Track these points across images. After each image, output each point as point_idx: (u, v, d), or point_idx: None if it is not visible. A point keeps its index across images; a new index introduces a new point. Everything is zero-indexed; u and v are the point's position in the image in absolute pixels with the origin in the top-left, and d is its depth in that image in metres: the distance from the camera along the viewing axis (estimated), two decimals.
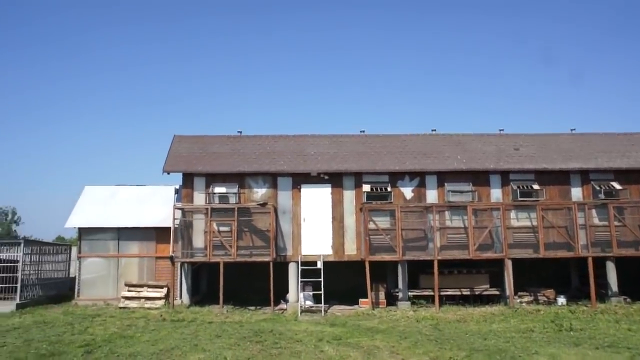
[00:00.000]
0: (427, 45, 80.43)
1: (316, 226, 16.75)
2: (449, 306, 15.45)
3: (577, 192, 17.14)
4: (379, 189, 16.64)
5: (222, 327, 12.15)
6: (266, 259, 15.76)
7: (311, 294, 15.97)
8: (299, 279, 15.79)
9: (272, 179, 17.00)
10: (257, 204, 16.33)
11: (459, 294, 16.46)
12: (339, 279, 16.88)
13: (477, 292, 16.54)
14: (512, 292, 15.53)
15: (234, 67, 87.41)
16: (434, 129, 19.15)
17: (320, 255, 16.20)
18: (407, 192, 16.98)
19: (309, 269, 15.90)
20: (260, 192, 16.91)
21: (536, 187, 16.83)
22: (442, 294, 15.81)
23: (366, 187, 16.71)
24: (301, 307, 15.38)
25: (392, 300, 16.31)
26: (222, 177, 16.94)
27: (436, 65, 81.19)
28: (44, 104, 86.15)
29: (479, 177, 17.05)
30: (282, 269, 16.30)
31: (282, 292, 16.29)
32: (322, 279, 15.48)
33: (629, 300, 15.83)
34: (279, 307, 15.85)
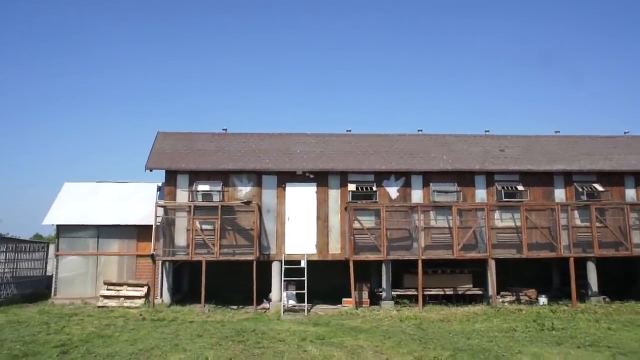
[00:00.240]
0: (416, 46, 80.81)
1: (300, 225, 16.61)
2: (432, 306, 15.44)
3: (560, 194, 17.31)
4: (364, 189, 16.57)
5: (204, 327, 11.94)
6: (249, 258, 15.57)
7: (294, 293, 15.84)
8: (282, 278, 15.64)
9: (256, 177, 16.82)
10: (241, 202, 16.13)
11: (442, 293, 16.48)
12: (322, 279, 16.77)
13: (460, 292, 16.58)
14: (495, 292, 15.60)
15: (221, 66, 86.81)
16: (420, 129, 19.17)
17: (304, 254, 16.07)
18: (393, 191, 16.95)
19: (292, 268, 15.75)
20: (244, 191, 16.71)
21: (520, 188, 16.94)
22: (425, 293, 15.81)
23: (352, 187, 16.63)
24: (284, 306, 15.23)
25: (375, 299, 16.26)
26: (206, 174, 16.70)
27: (425, 66, 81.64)
28: (26, 101, 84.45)
29: (464, 178, 17.10)
30: (265, 267, 16.13)
31: (265, 292, 16.12)
32: (305, 278, 15.35)
33: (608, 300, 16.04)
34: (261, 307, 15.68)
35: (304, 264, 15.68)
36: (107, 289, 16.07)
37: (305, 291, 15.12)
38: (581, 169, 17.25)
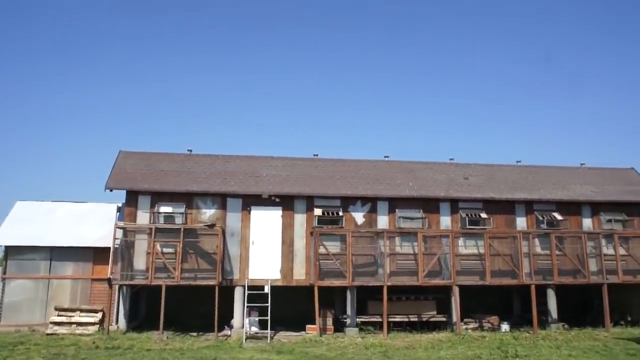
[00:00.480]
0: (382, 67, 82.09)
1: (265, 249, 16.29)
2: (396, 332, 15.32)
3: (521, 222, 17.72)
4: (330, 213, 16.48)
5: (161, 355, 11.39)
6: (211, 283, 15.09)
7: (257, 319, 15.40)
8: (245, 304, 15.20)
9: (221, 200, 16.47)
10: (204, 225, 15.72)
11: (407, 320, 16.39)
12: (286, 304, 16.41)
13: (424, 319, 16.53)
14: (459, 319, 15.63)
15: (187, 88, 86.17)
16: (386, 155, 19.40)
17: (268, 279, 15.72)
18: (359, 217, 16.93)
19: (255, 294, 15.35)
20: (208, 213, 16.32)
21: (484, 215, 17.26)
22: (390, 320, 15.67)
23: (318, 211, 16.51)
24: (246, 333, 14.75)
25: (339, 326, 15.99)
26: (169, 196, 16.23)
27: (391, 87, 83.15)
28: None
29: (430, 205, 17.28)
30: (228, 293, 15.65)
31: (227, 318, 15.59)
32: (269, 304, 14.98)
33: (567, 326, 16.38)
34: (222, 334, 15.14)
35: (267, 290, 15.31)
36: (58, 315, 15.16)
37: (268, 317, 14.73)
38: (541, 198, 17.77)
